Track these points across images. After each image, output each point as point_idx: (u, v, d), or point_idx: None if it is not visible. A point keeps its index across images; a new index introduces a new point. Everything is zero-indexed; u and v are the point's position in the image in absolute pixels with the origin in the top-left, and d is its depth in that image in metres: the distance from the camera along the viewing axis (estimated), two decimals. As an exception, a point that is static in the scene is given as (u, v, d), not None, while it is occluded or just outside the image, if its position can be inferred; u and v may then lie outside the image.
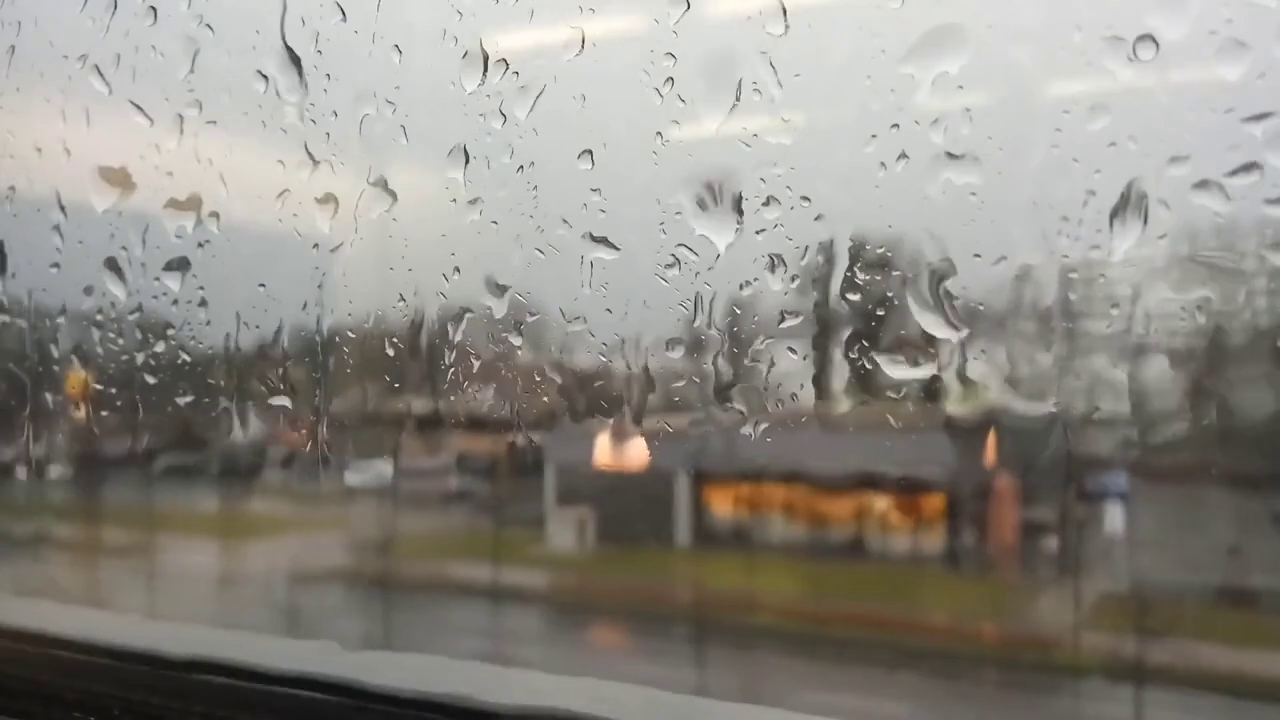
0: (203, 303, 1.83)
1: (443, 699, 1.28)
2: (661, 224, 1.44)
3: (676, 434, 1.56)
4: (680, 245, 1.43)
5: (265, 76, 1.68)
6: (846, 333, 1.41)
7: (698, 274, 1.44)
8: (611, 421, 1.59)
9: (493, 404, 1.67)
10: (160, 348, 1.87)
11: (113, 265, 1.89)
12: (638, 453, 1.59)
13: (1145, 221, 1.17)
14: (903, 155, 1.28)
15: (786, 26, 1.33)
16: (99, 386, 1.98)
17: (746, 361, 1.48)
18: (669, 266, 1.44)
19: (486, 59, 1.50)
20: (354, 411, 1.81)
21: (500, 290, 1.57)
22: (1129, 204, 1.17)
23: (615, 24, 1.46)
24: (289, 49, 1.66)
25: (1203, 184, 1.12)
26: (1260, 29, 1.08)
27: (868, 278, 1.38)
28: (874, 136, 1.29)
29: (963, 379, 1.38)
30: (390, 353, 1.74)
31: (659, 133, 1.42)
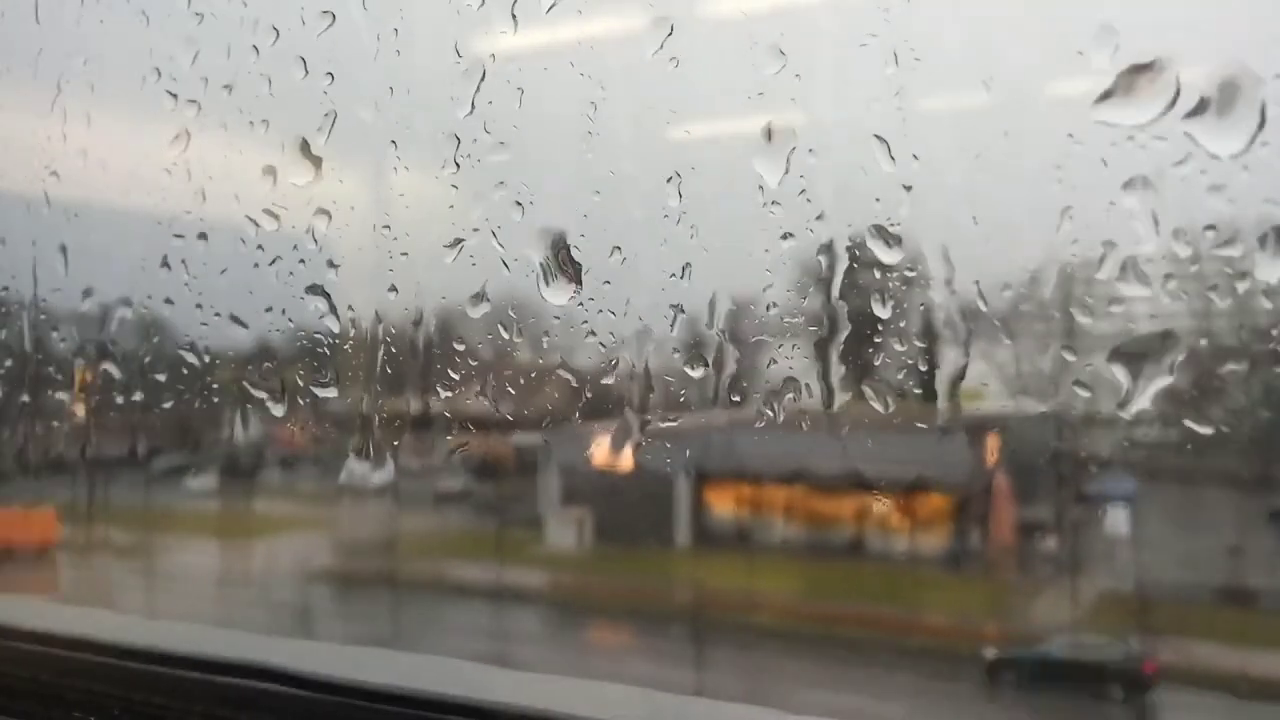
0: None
1: (443, 699, 1.28)
2: (662, 221, 1.44)
3: (678, 434, 1.56)
4: (679, 245, 1.43)
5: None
6: (846, 332, 1.41)
7: (694, 276, 1.44)
8: (614, 421, 1.59)
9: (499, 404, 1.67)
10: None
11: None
12: (638, 452, 1.59)
13: (1147, 220, 1.17)
14: (902, 153, 1.28)
15: (789, 26, 1.33)
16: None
17: (747, 362, 1.48)
18: (669, 264, 1.44)
19: (487, 58, 1.50)
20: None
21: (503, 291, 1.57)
22: (1129, 202, 1.17)
23: (614, 24, 1.46)
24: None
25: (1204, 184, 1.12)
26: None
27: (868, 278, 1.38)
28: (876, 136, 1.29)
29: (964, 378, 1.38)
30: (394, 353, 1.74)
31: (659, 132, 1.42)
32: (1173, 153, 1.12)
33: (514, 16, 1.47)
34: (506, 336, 1.58)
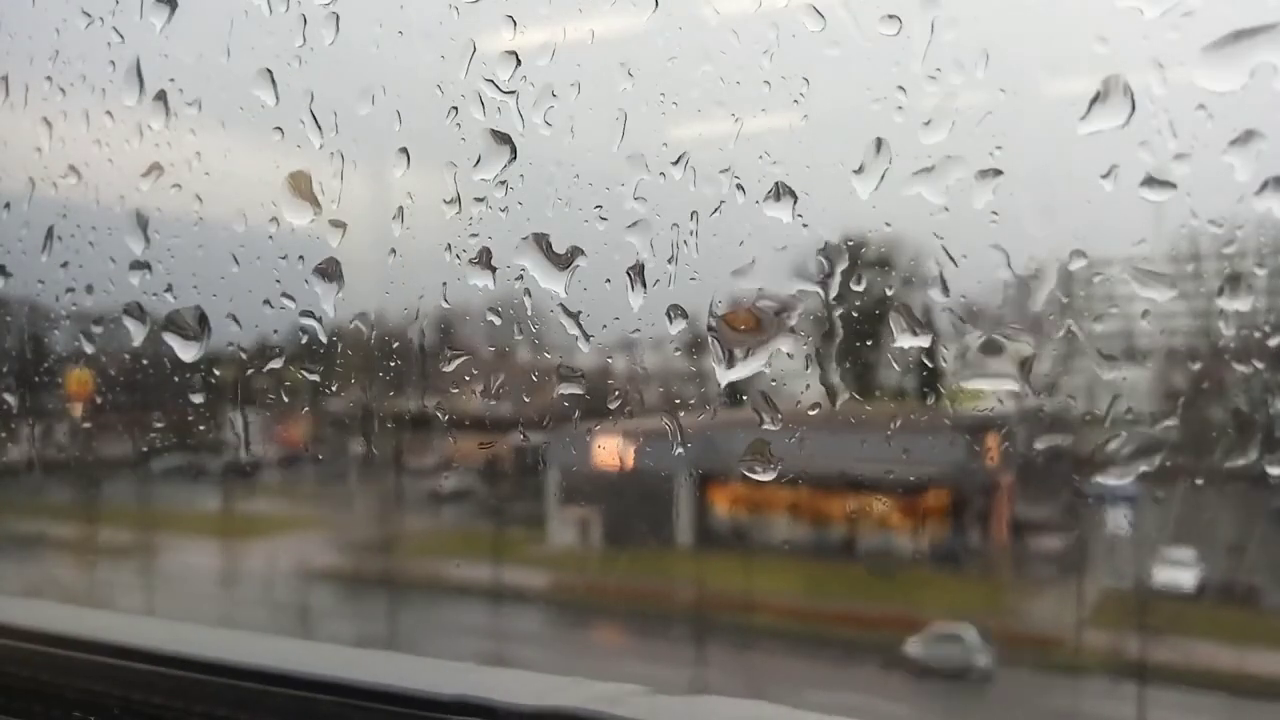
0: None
1: (443, 699, 1.28)
2: (662, 220, 1.44)
3: (679, 433, 1.56)
4: (679, 244, 1.43)
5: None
6: (844, 332, 1.41)
7: (695, 275, 1.44)
8: (614, 421, 1.59)
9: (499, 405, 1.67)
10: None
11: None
12: (638, 452, 1.59)
13: (1143, 220, 1.17)
14: (901, 154, 1.28)
15: (786, 27, 1.33)
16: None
17: (746, 361, 1.48)
18: (669, 262, 1.44)
19: (490, 58, 1.50)
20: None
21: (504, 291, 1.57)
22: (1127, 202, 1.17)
23: (614, 23, 1.46)
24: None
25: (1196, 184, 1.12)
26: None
27: (867, 277, 1.38)
28: (876, 136, 1.29)
29: (965, 378, 1.38)
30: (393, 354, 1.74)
31: (660, 131, 1.42)
32: (1173, 151, 1.12)
33: (512, 20, 1.47)
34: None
